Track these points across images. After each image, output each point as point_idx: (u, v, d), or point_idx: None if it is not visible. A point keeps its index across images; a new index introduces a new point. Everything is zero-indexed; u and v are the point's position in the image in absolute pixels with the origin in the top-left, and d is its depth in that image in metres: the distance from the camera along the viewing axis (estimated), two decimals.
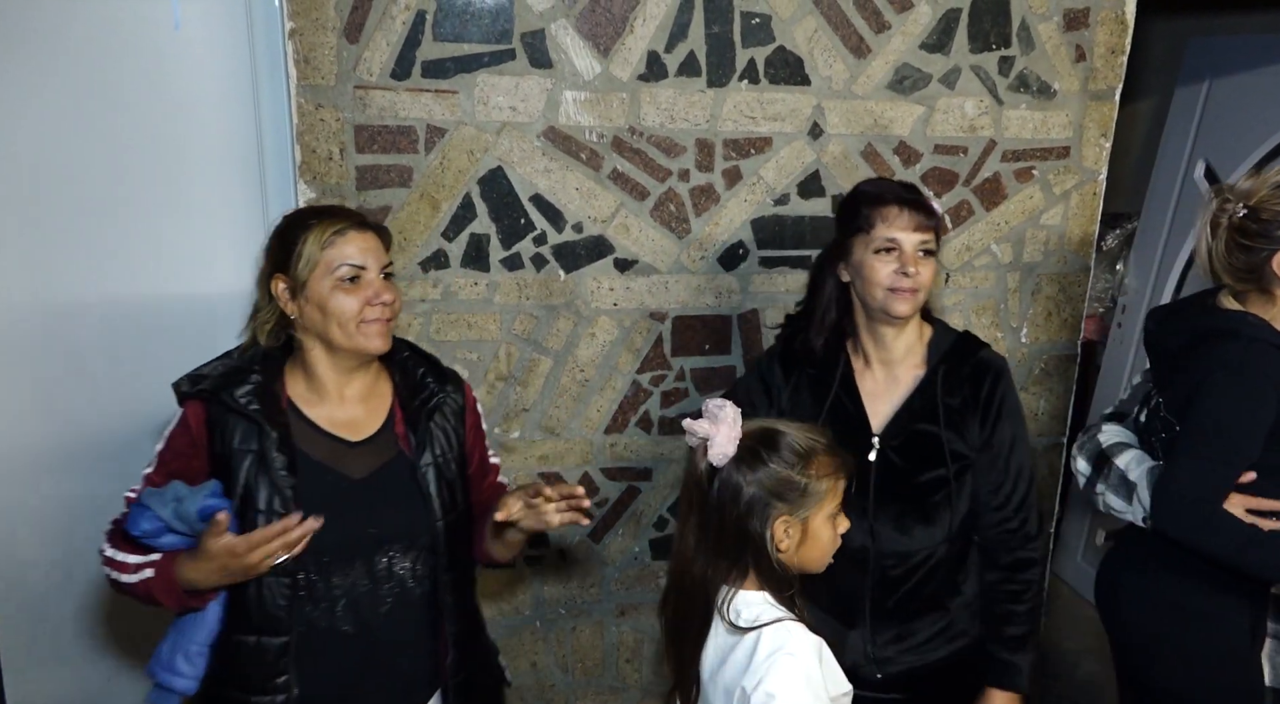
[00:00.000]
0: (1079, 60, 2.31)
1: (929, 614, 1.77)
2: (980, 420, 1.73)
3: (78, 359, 2.21)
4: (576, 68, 2.11)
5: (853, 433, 1.74)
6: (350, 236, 1.52)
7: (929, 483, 1.72)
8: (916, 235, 1.67)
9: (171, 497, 1.44)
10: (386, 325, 1.55)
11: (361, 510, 1.54)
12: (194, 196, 2.18)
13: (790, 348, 1.85)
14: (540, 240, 2.19)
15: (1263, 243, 1.68)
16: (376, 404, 1.62)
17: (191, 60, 2.11)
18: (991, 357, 1.77)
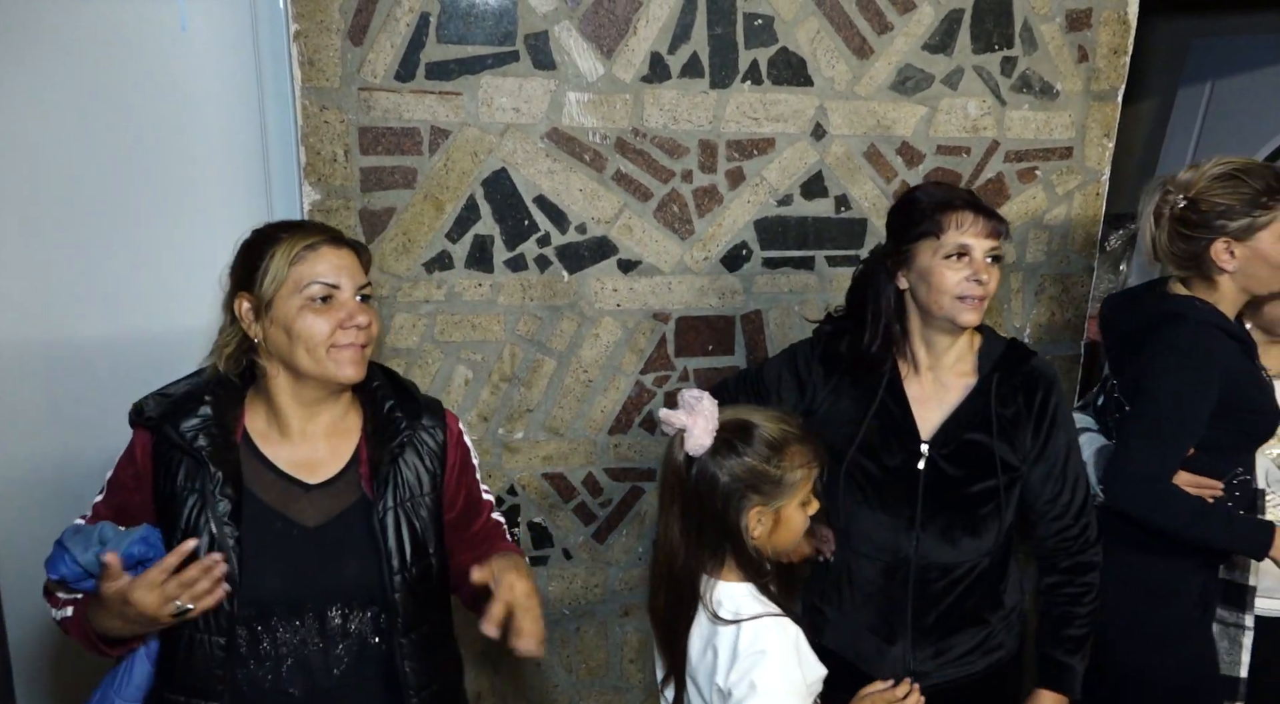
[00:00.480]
0: (1081, 61, 2.31)
1: (970, 628, 1.75)
2: (1034, 431, 1.71)
3: (80, 360, 2.22)
4: (580, 69, 2.12)
5: (900, 440, 1.73)
6: (323, 252, 1.39)
7: (979, 494, 1.70)
8: (987, 242, 1.65)
9: (95, 539, 1.32)
10: (360, 352, 1.40)
11: (312, 561, 1.38)
12: (198, 198, 2.19)
13: (834, 349, 1.82)
14: (544, 241, 2.20)
15: (1202, 232, 1.75)
16: (342, 441, 1.47)
17: (196, 62, 2.12)
18: (1043, 366, 1.75)
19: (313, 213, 2.07)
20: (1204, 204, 1.73)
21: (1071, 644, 1.76)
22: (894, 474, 1.73)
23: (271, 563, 1.36)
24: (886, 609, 1.75)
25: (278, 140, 2.16)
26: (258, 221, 2.17)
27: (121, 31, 2.07)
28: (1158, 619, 1.83)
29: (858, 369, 1.78)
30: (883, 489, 1.74)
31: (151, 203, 2.17)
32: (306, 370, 1.39)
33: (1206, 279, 1.80)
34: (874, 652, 1.76)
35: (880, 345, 1.76)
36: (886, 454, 1.73)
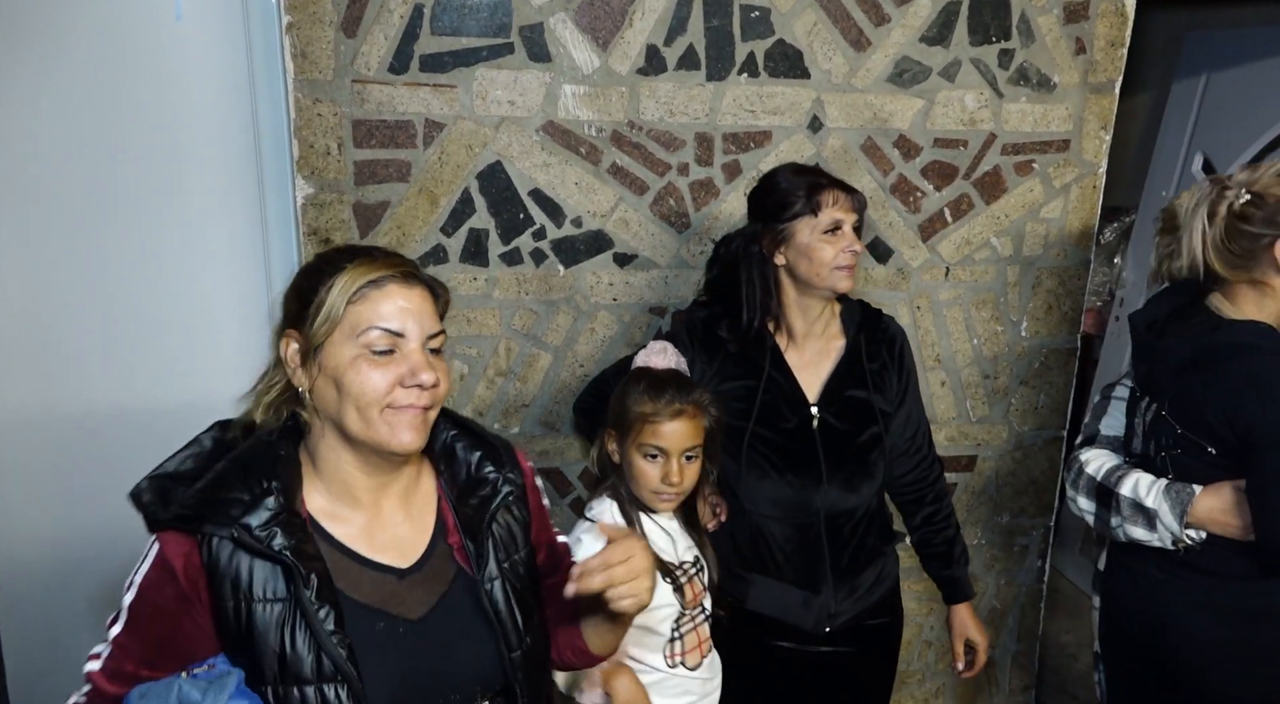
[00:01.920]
0: (1079, 53, 2.31)
1: (873, 562, 1.94)
2: (897, 379, 1.93)
3: (74, 352, 2.20)
4: (575, 61, 2.10)
5: (791, 405, 1.87)
6: (389, 291, 1.15)
7: (867, 441, 1.89)
8: (854, 215, 1.82)
9: (176, 701, 1.07)
10: (422, 415, 1.16)
11: (426, 659, 1.18)
12: (190, 190, 2.17)
13: (713, 332, 1.91)
14: (539, 235, 2.18)
15: (1266, 228, 1.68)
16: (420, 509, 1.26)
17: (188, 55, 2.10)
18: (892, 321, 1.97)
19: (306, 206, 2.06)
20: (1271, 198, 1.67)
21: (963, 559, 2.04)
22: (792, 438, 1.87)
23: (380, 670, 1.13)
24: (808, 563, 1.89)
25: (270, 133, 2.14)
26: (250, 214, 2.19)
27: (114, 22, 2.04)
28: (1250, 643, 1.76)
29: (741, 348, 1.89)
30: (785, 453, 1.87)
31: (143, 196, 2.15)
32: (355, 432, 1.15)
33: (1256, 285, 1.72)
34: (800, 605, 1.90)
35: (760, 321, 1.88)
36: (781, 421, 1.87)
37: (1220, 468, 1.72)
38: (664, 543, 1.77)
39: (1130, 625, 1.92)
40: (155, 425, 2.27)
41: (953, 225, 2.35)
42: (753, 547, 1.92)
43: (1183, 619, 1.80)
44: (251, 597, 1.10)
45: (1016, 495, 2.59)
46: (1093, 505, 1.88)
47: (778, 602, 1.92)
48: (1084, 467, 1.91)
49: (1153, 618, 1.85)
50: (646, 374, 1.79)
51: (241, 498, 1.11)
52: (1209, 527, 1.73)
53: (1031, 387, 2.52)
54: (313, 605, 1.10)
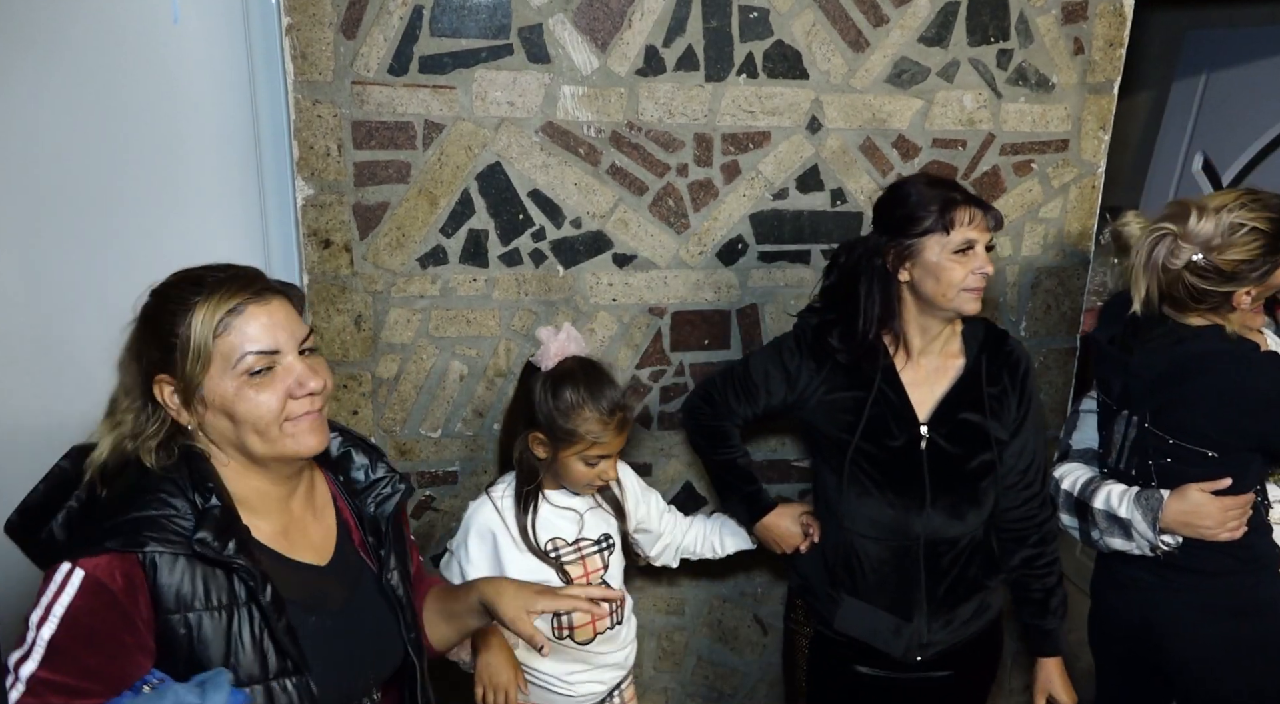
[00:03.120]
0: (1077, 53, 2.31)
1: (974, 596, 1.87)
2: (1017, 405, 1.84)
3: (72, 355, 2.20)
4: (574, 63, 2.11)
5: (900, 422, 1.80)
6: (249, 313, 1.15)
7: (978, 468, 1.81)
8: (987, 235, 1.74)
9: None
10: (319, 417, 1.21)
11: (349, 644, 1.25)
12: (191, 193, 2.17)
13: (824, 341, 1.85)
14: (539, 236, 2.19)
15: (1226, 285, 1.70)
16: (322, 511, 1.32)
17: (188, 56, 2.10)
18: (1018, 345, 1.88)
19: (306, 207, 2.06)
20: (1226, 264, 1.68)
21: (1061, 609, 1.92)
22: (898, 457, 1.80)
23: (322, 660, 1.20)
24: (901, 588, 1.83)
25: (270, 134, 2.15)
26: (250, 217, 2.19)
27: (112, 24, 2.05)
28: (1238, 638, 1.80)
29: (852, 359, 1.82)
30: (889, 472, 1.81)
31: (143, 198, 2.16)
32: (261, 454, 1.19)
33: (1215, 312, 1.77)
34: (890, 630, 1.85)
35: (875, 334, 1.81)
36: (888, 438, 1.80)
37: (1221, 466, 1.76)
38: (564, 523, 1.88)
39: (1120, 629, 1.94)
40: None
41: None
42: (845, 566, 1.88)
43: (1172, 620, 1.83)
44: (197, 606, 1.12)
45: None
46: (1074, 520, 1.93)
47: (867, 625, 1.87)
48: (1060, 482, 1.96)
49: (1142, 621, 1.87)
50: (580, 381, 1.78)
51: (183, 512, 1.13)
52: (1180, 530, 1.77)
53: None
54: (270, 607, 1.14)
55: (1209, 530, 1.75)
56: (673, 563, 2.13)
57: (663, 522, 2.08)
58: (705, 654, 2.55)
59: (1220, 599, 1.80)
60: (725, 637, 2.54)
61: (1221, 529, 1.75)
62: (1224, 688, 1.81)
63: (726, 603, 2.50)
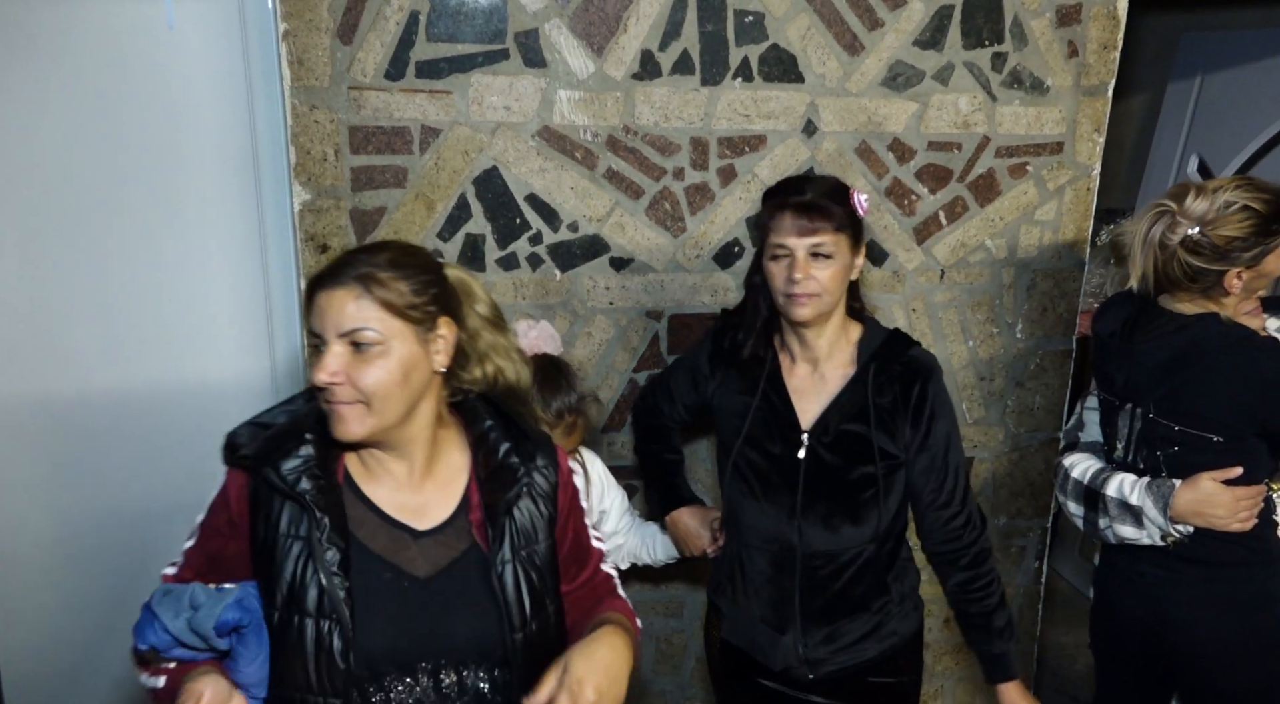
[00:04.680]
0: (1071, 56, 2.32)
1: (859, 615, 1.77)
2: (912, 421, 1.73)
3: (72, 361, 2.21)
4: (570, 67, 2.11)
5: (781, 430, 1.75)
6: (316, 300, 1.23)
7: (857, 480, 1.72)
8: (805, 240, 1.65)
9: (187, 603, 1.22)
10: (349, 410, 1.22)
11: (425, 616, 1.27)
12: (188, 198, 2.18)
13: (720, 344, 1.86)
14: (536, 240, 2.19)
15: (1218, 264, 1.74)
16: (451, 481, 1.34)
17: (185, 63, 2.11)
18: (922, 356, 1.76)
19: (303, 213, 2.07)
20: (1219, 239, 1.72)
21: (1005, 632, 1.80)
22: (776, 464, 1.76)
23: (381, 617, 1.24)
24: (777, 599, 1.78)
25: (267, 140, 2.16)
26: (248, 222, 2.20)
27: (108, 30, 2.06)
28: (1250, 631, 1.80)
29: (741, 362, 1.81)
30: (766, 479, 1.77)
31: (140, 204, 2.16)
32: None
33: (1209, 298, 1.79)
34: (767, 642, 1.80)
35: (756, 338, 1.79)
36: (770, 444, 1.76)
37: (1229, 452, 1.78)
38: None
39: (1127, 626, 1.93)
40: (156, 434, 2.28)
41: (947, 228, 2.36)
42: (729, 573, 1.86)
43: (1184, 614, 1.83)
44: (278, 531, 1.24)
45: (1013, 497, 2.59)
46: (1081, 509, 1.91)
47: (745, 635, 1.85)
48: (1069, 471, 1.95)
49: (1152, 617, 1.87)
50: (536, 375, 1.73)
51: (285, 447, 1.26)
52: (1191, 519, 1.77)
53: (1027, 389, 2.53)
54: (321, 546, 1.22)
55: (1220, 520, 1.75)
56: (622, 565, 2.10)
57: (621, 521, 2.06)
58: (704, 657, 2.55)
59: (1231, 592, 1.80)
60: None
61: (1233, 519, 1.75)
62: (1234, 682, 1.81)
63: None
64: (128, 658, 1.30)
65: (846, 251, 1.69)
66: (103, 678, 2.33)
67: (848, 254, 1.69)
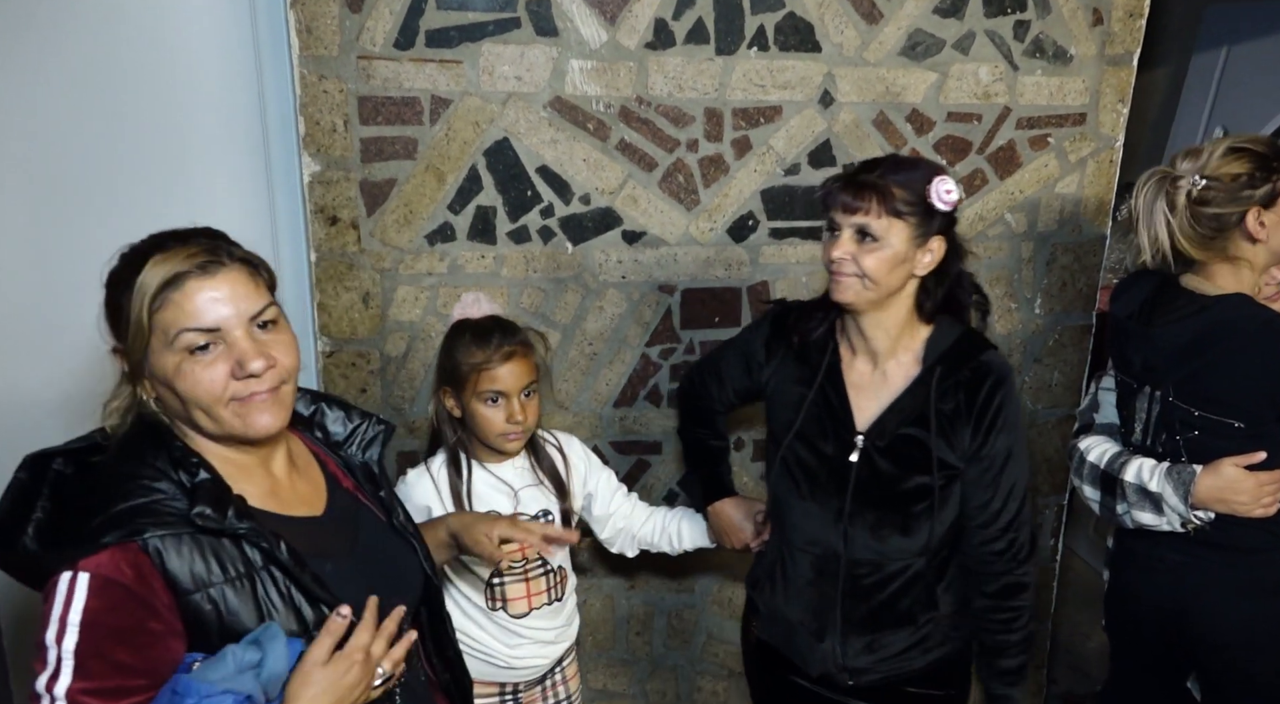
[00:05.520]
0: (1096, 24, 2.26)
1: (903, 628, 1.67)
2: (973, 429, 1.59)
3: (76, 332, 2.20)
4: (583, 36, 2.07)
5: (835, 428, 1.64)
6: (188, 288, 1.08)
7: (911, 491, 1.60)
8: (848, 217, 1.53)
9: (238, 668, 1.04)
10: (273, 396, 1.13)
11: (373, 584, 1.22)
12: (196, 170, 2.16)
13: (779, 328, 1.75)
14: (547, 212, 2.17)
15: (1231, 206, 1.69)
16: (306, 468, 1.29)
17: (191, 31, 2.08)
18: (994, 360, 1.62)
19: (312, 184, 2.05)
20: (1225, 177, 1.68)
21: (1010, 676, 1.68)
22: (827, 464, 1.64)
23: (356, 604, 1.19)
24: (817, 604, 1.69)
25: (276, 110, 2.13)
26: (258, 194, 2.18)
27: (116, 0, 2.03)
28: (1271, 615, 1.77)
29: (800, 350, 1.70)
30: (815, 479, 1.65)
31: (148, 176, 2.14)
32: (211, 431, 1.14)
33: (1229, 259, 1.74)
34: (805, 646, 1.71)
35: (826, 321, 1.68)
36: (822, 443, 1.65)
37: (1251, 438, 1.73)
38: (498, 497, 1.83)
39: (1146, 611, 1.90)
40: None
41: (966, 201, 2.32)
42: (769, 571, 1.78)
43: (1205, 600, 1.80)
44: (216, 581, 1.08)
45: (1030, 474, 2.57)
46: (1097, 493, 1.88)
47: (782, 635, 1.77)
48: (1085, 455, 1.91)
49: (1172, 603, 1.84)
50: (468, 326, 1.80)
51: (171, 493, 1.09)
52: (1212, 506, 1.74)
53: (1046, 365, 2.50)
54: (290, 562, 1.11)
55: (1243, 506, 1.71)
56: (629, 552, 2.05)
57: (613, 503, 2.00)
58: (715, 631, 2.55)
59: (1253, 577, 1.77)
60: (736, 614, 2.53)
61: (1256, 505, 1.71)
62: (1258, 667, 1.79)
63: (735, 580, 2.49)
64: None
65: (903, 240, 1.53)
66: None
67: (905, 243, 1.53)
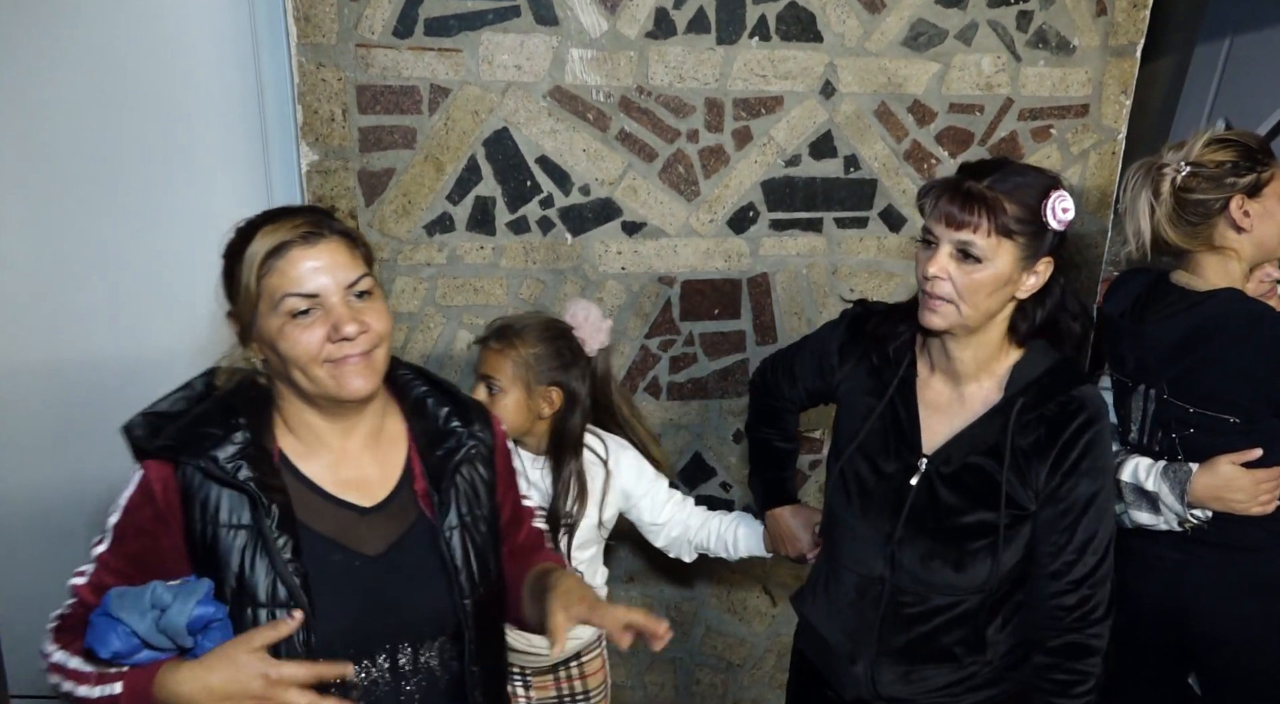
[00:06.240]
0: (1099, 15, 2.25)
1: (944, 664, 1.55)
2: (1051, 468, 1.44)
3: (77, 324, 2.20)
4: (583, 25, 2.06)
5: (899, 447, 1.53)
6: (293, 256, 1.18)
7: (972, 526, 1.47)
8: (951, 232, 1.38)
9: (150, 603, 1.15)
10: (364, 360, 1.21)
11: (380, 594, 1.24)
12: (194, 158, 2.15)
13: (855, 333, 1.63)
14: (547, 203, 2.15)
15: (1215, 194, 1.69)
16: (388, 454, 1.31)
17: (190, 18, 2.07)
18: (1088, 396, 1.45)
19: (310, 173, 2.03)
20: (1209, 164, 1.69)
21: None
22: (886, 483, 1.54)
23: (334, 600, 1.20)
24: (855, 625, 1.59)
25: (274, 99, 2.12)
26: (256, 183, 2.16)
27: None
28: (1270, 613, 1.76)
29: (877, 355, 1.58)
30: (870, 497, 1.56)
31: (147, 164, 2.13)
32: (306, 390, 1.22)
33: (1216, 250, 1.73)
34: (840, 667, 1.63)
35: (907, 332, 1.55)
36: (883, 460, 1.54)
37: (1246, 434, 1.73)
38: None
39: (1145, 609, 1.89)
40: None
41: None
42: (814, 586, 1.68)
43: (1205, 598, 1.79)
44: (218, 521, 1.19)
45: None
46: None
47: (819, 652, 1.68)
48: None
49: (1171, 601, 1.83)
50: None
51: (215, 433, 1.20)
52: (1209, 504, 1.73)
53: None
54: (272, 534, 1.18)
55: (1240, 504, 1.71)
56: (686, 557, 2.01)
57: (664, 512, 1.95)
58: (714, 624, 2.55)
59: (1252, 576, 1.76)
60: (734, 607, 2.53)
61: (1253, 503, 1.70)
62: (1257, 665, 1.79)
63: (735, 573, 2.49)
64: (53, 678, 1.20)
65: (1009, 261, 1.39)
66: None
67: (1010, 265, 1.39)
